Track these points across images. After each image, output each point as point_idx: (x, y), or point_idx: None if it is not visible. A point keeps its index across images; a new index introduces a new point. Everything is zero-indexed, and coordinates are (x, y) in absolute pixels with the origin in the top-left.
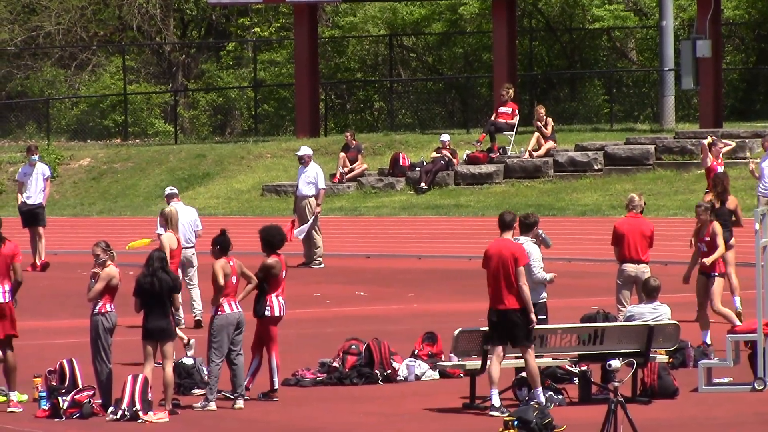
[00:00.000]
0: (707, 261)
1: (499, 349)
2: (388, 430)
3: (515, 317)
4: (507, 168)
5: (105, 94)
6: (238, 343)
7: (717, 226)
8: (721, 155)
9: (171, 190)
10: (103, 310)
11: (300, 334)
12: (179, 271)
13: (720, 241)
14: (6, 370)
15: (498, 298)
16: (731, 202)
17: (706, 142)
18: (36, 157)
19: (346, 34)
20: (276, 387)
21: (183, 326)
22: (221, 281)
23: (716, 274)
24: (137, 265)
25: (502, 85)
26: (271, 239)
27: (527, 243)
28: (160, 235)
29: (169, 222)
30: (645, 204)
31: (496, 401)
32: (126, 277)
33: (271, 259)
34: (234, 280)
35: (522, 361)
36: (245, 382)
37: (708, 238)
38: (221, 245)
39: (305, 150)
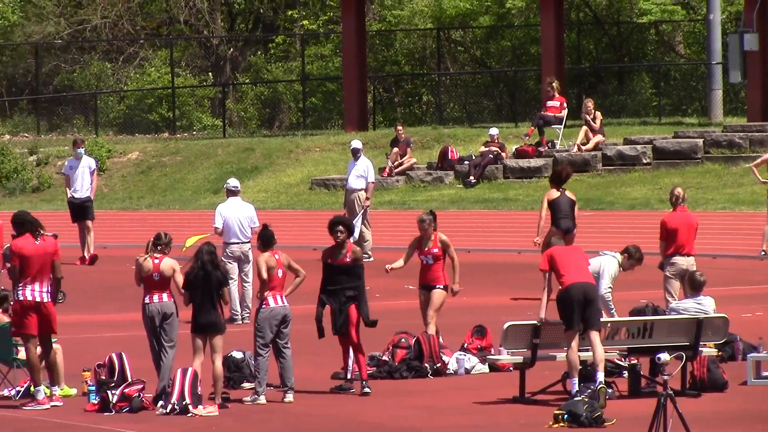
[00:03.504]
0: None
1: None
2: (437, 424)
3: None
4: (555, 162)
5: (153, 87)
6: (285, 336)
7: None
8: None
9: (233, 186)
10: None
11: None
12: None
13: None
14: (48, 365)
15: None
16: None
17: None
18: (82, 150)
19: (394, 27)
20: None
21: (239, 322)
22: (264, 275)
23: None
24: (184, 259)
25: (552, 77)
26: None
27: (609, 257)
28: (216, 228)
29: None
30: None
31: (575, 389)
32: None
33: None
34: (279, 274)
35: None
36: (349, 372)
37: None
38: (263, 239)
39: (357, 143)
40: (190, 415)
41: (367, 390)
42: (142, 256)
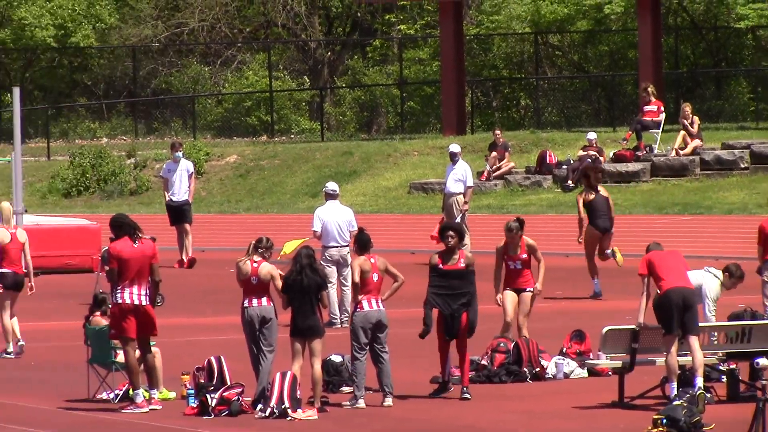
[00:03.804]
0: None
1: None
2: (536, 428)
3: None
4: (654, 166)
5: (251, 90)
6: (382, 341)
7: None
8: None
9: (332, 190)
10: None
11: None
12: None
13: None
14: (146, 369)
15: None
16: None
17: None
18: (180, 153)
19: (491, 31)
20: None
21: (337, 326)
22: (356, 278)
23: None
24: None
25: (647, 83)
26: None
27: (710, 277)
28: (315, 232)
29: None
30: None
31: (673, 393)
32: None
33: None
34: (375, 278)
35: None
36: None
37: None
38: (359, 243)
39: (455, 147)
40: (289, 419)
41: (467, 396)
42: (242, 259)
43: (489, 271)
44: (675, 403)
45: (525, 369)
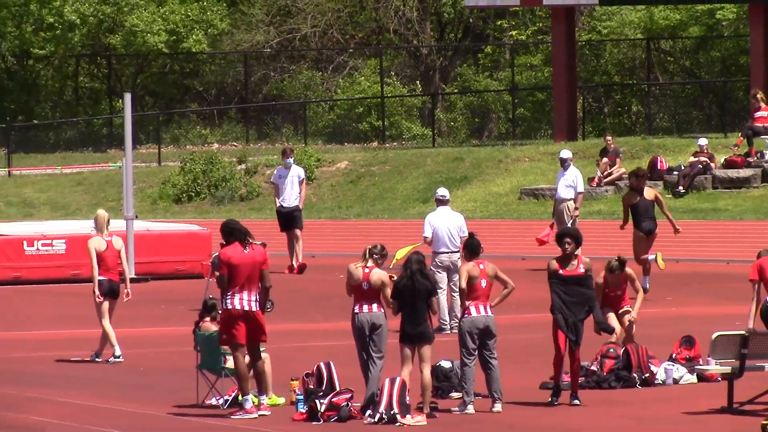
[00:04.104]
0: None
1: None
2: None
3: None
4: (765, 172)
5: (363, 96)
6: (490, 347)
7: None
8: None
9: (442, 196)
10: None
11: None
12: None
13: None
14: (256, 374)
15: None
16: None
17: None
18: (291, 159)
19: (603, 37)
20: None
21: (447, 332)
22: (463, 284)
23: None
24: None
25: (756, 89)
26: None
27: None
28: (426, 238)
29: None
30: None
31: None
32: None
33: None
34: (483, 284)
35: None
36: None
37: None
38: (468, 248)
39: (566, 153)
40: (398, 424)
41: (576, 402)
42: (355, 264)
43: (597, 275)
44: None
45: (634, 375)
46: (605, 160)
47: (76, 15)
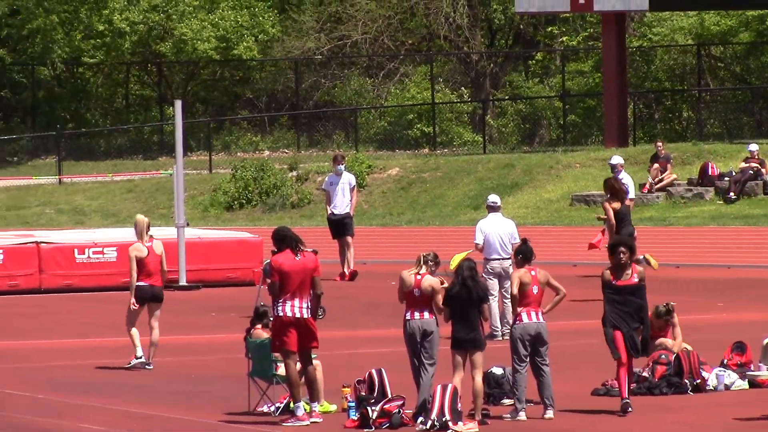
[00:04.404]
0: None
1: None
2: None
3: None
4: None
5: (413, 103)
6: (542, 354)
7: None
8: None
9: (493, 202)
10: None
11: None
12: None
13: None
14: (307, 381)
15: None
16: None
17: None
18: (342, 167)
19: (654, 43)
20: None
21: (499, 338)
22: (515, 290)
23: None
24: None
25: None
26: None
27: None
28: (477, 245)
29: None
30: None
31: None
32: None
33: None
34: (535, 290)
35: None
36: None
37: None
38: (522, 255)
39: (617, 159)
40: (449, 431)
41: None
42: (408, 271)
43: (649, 282)
44: None
45: (686, 381)
46: (656, 166)
47: (126, 23)
